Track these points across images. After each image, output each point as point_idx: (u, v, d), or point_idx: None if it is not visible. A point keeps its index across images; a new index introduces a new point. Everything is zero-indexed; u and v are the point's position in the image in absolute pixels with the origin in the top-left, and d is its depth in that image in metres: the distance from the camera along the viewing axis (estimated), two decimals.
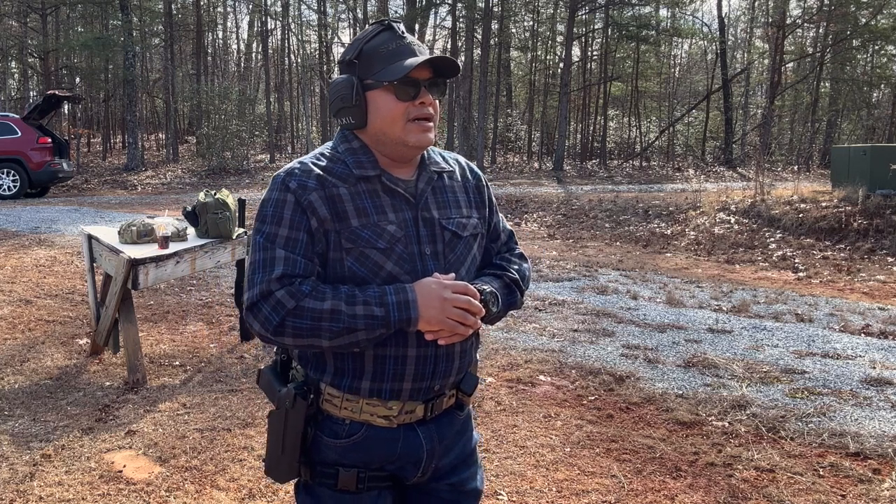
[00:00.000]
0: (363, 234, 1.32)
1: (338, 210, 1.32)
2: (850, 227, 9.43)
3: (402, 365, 1.34)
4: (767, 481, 3.02)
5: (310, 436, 1.38)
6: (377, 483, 1.40)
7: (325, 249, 1.32)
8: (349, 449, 1.37)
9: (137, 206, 13.25)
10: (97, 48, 22.44)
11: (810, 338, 5.24)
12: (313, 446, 1.39)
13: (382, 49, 1.34)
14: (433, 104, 1.37)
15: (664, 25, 26.79)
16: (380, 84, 1.33)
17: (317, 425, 1.38)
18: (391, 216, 1.35)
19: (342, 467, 1.37)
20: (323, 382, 1.37)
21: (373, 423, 1.36)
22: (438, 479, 1.46)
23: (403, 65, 1.32)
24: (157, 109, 32.24)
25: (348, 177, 1.35)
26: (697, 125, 28.60)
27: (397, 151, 1.37)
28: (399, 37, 1.35)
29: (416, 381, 1.36)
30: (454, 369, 1.41)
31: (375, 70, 1.34)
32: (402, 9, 25.72)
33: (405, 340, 1.33)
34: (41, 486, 2.90)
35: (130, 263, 3.99)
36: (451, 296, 1.29)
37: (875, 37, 23.95)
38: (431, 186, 1.42)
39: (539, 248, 9.60)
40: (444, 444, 1.44)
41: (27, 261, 7.53)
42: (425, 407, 1.39)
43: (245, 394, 3.97)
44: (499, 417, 3.68)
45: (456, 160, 1.53)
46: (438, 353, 1.36)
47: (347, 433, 1.37)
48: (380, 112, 1.34)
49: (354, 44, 1.38)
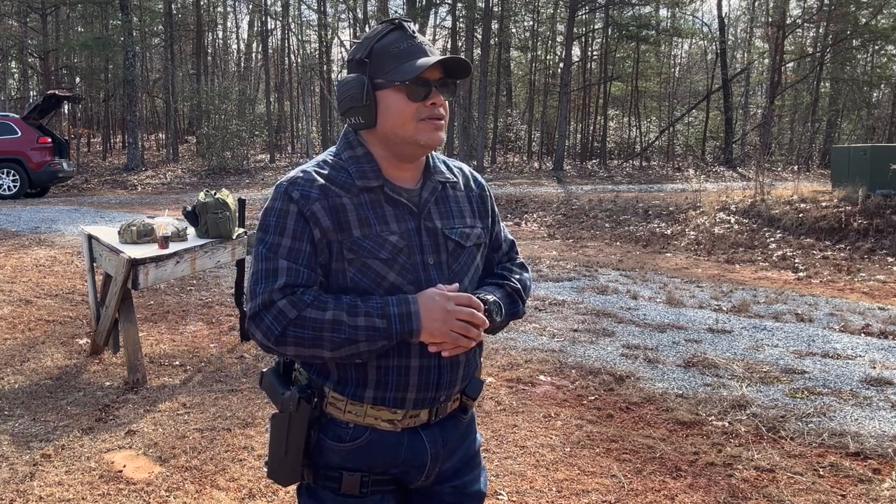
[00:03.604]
0: (365, 245, 1.31)
1: (340, 220, 1.31)
2: (850, 227, 9.43)
3: (406, 375, 1.34)
4: (767, 481, 3.02)
5: (313, 439, 1.37)
6: (381, 487, 1.40)
7: (327, 260, 1.32)
8: (353, 452, 1.37)
9: (137, 206, 13.25)
10: (97, 48, 22.45)
11: (810, 338, 5.24)
12: (316, 449, 1.38)
13: (393, 48, 1.33)
14: (444, 104, 1.37)
15: (664, 25, 26.79)
16: (391, 84, 1.32)
17: (320, 428, 1.37)
18: (393, 226, 1.34)
19: (346, 471, 1.37)
20: (326, 387, 1.36)
21: (377, 426, 1.36)
22: (442, 481, 1.46)
23: (416, 65, 1.30)
24: (157, 109, 32.25)
25: (351, 186, 1.34)
26: (697, 125, 28.60)
27: (407, 151, 1.36)
28: (410, 36, 1.34)
29: (421, 392, 1.35)
30: (458, 379, 1.40)
31: (386, 69, 1.32)
32: (402, 9, 25.70)
33: (408, 351, 1.32)
34: (41, 485, 2.90)
35: (130, 263, 3.99)
36: (455, 308, 1.28)
37: (875, 37, 23.95)
38: (435, 197, 1.41)
39: (539, 248, 9.60)
40: (448, 448, 1.44)
41: (27, 261, 7.53)
42: (430, 411, 1.39)
43: (245, 394, 3.97)
44: (499, 417, 3.68)
45: (460, 169, 1.52)
46: (442, 364, 1.35)
47: (351, 437, 1.36)
48: (390, 112, 1.33)
49: (364, 42, 1.36)
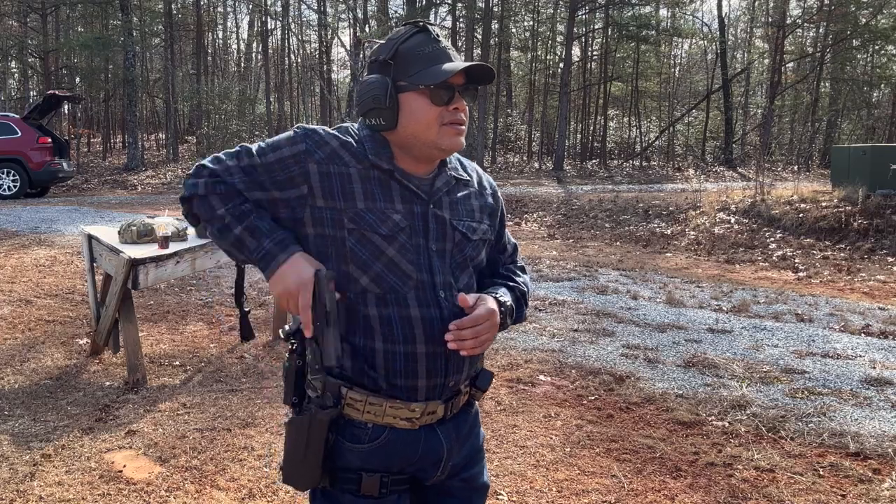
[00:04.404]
0: (367, 217, 1.32)
1: (344, 189, 1.32)
2: (850, 227, 9.43)
3: (414, 363, 1.34)
4: (767, 481, 3.02)
5: (331, 441, 1.36)
6: (398, 486, 1.39)
7: (290, 216, 1.36)
8: (372, 453, 1.36)
9: (137, 206, 13.25)
10: (97, 48, 22.45)
11: (810, 338, 5.24)
12: (334, 452, 1.37)
13: (419, 51, 1.32)
14: (465, 110, 1.37)
15: (664, 25, 26.74)
16: (415, 87, 1.32)
17: (338, 430, 1.36)
18: (399, 206, 1.35)
19: (365, 472, 1.36)
20: (344, 387, 1.35)
21: (395, 425, 1.35)
22: (452, 475, 1.47)
23: (442, 69, 1.30)
24: (157, 109, 32.24)
25: (363, 159, 1.35)
26: (697, 125, 28.60)
27: (427, 153, 1.37)
28: (434, 40, 1.34)
29: (431, 378, 1.35)
30: (465, 364, 1.40)
31: (411, 72, 1.32)
32: (403, 9, 25.71)
33: (413, 337, 1.33)
34: (41, 485, 2.90)
35: (130, 263, 3.99)
36: (300, 296, 1.30)
37: (875, 37, 23.93)
38: (447, 189, 1.42)
39: (539, 248, 9.59)
40: (460, 442, 1.45)
41: (27, 261, 7.53)
42: (445, 406, 1.40)
43: (245, 394, 3.97)
44: (499, 417, 3.68)
45: (475, 170, 1.53)
46: (449, 350, 1.35)
47: (370, 437, 1.36)
48: (414, 115, 1.33)
49: (389, 44, 1.35)
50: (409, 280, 1.34)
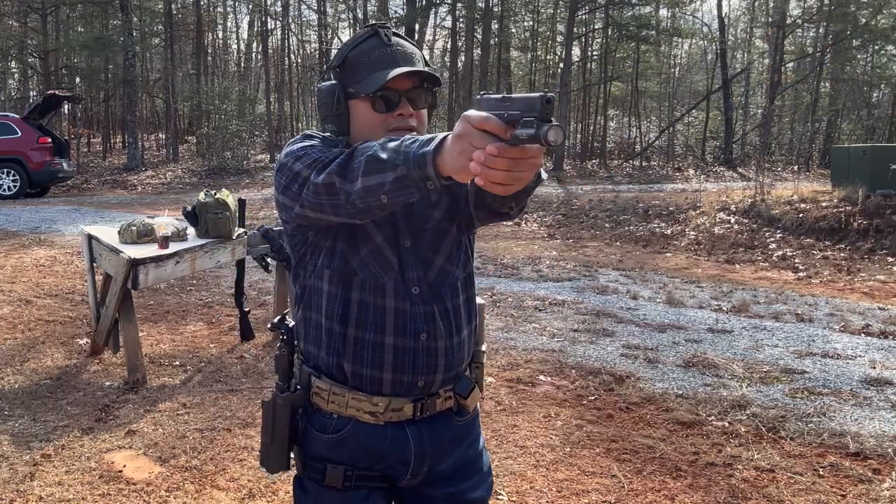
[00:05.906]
0: None
1: None
2: (850, 227, 9.43)
3: (381, 353, 1.34)
4: (767, 481, 3.02)
5: (301, 428, 1.41)
6: (366, 483, 1.40)
7: None
8: (336, 444, 1.38)
9: (137, 206, 13.25)
10: (97, 48, 22.46)
11: (810, 338, 5.24)
12: (304, 439, 1.41)
13: (365, 57, 1.33)
14: (415, 115, 1.34)
15: (664, 25, 26.73)
16: (358, 94, 1.33)
17: (307, 418, 1.40)
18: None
19: (329, 463, 1.38)
20: (313, 376, 1.39)
21: (359, 418, 1.37)
22: (434, 485, 1.45)
23: (377, 77, 1.30)
24: (157, 109, 32.21)
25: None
26: (697, 125, 28.57)
27: None
28: (384, 44, 1.33)
29: (397, 373, 1.35)
30: (438, 367, 1.38)
31: (357, 79, 1.33)
32: (402, 9, 25.71)
33: (383, 328, 1.34)
34: (41, 485, 2.90)
35: (130, 263, 3.99)
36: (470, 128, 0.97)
37: (875, 37, 23.93)
38: None
39: (539, 248, 9.59)
40: (439, 449, 1.43)
41: (27, 261, 7.53)
42: (414, 406, 1.38)
43: (245, 394, 3.97)
44: (499, 417, 3.68)
45: None
46: (418, 347, 1.35)
47: (335, 428, 1.38)
48: (359, 122, 1.34)
49: (341, 49, 1.38)
50: (391, 271, 1.35)
